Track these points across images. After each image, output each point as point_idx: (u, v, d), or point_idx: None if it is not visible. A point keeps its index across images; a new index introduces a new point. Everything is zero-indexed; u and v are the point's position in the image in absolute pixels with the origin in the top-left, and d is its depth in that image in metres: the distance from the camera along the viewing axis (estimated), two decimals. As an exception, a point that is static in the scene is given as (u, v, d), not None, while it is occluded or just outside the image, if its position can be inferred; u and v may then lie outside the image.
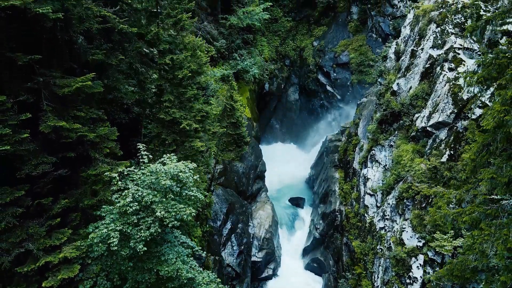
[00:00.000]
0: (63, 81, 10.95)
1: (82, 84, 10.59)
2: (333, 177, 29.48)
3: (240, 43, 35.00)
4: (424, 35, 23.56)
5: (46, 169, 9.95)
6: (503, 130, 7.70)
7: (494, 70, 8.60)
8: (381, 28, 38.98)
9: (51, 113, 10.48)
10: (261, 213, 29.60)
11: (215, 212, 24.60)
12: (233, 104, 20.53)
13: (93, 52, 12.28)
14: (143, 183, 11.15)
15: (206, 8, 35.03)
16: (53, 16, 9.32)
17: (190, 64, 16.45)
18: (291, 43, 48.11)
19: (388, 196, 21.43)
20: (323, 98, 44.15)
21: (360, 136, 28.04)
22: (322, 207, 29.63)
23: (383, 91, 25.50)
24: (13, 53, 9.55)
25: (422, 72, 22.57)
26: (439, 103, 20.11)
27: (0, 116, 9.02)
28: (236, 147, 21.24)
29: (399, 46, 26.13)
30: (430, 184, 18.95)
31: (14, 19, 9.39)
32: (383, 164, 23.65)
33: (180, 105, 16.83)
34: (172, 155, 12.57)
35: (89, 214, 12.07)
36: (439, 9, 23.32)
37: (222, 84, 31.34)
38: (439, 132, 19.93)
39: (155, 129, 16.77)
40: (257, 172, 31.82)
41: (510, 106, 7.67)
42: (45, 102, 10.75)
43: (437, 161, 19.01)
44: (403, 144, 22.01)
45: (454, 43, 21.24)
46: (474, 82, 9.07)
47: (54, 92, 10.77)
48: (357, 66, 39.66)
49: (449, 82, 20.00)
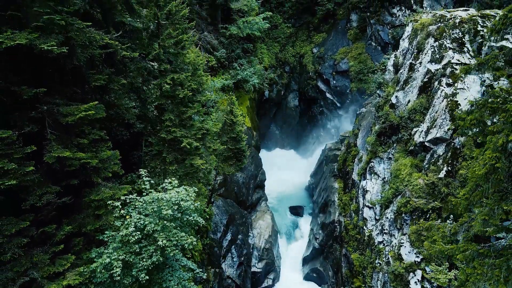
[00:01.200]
0: (67, 109, 11.16)
1: (85, 113, 10.81)
2: (333, 187, 29.69)
3: (240, 52, 35.22)
4: (422, 48, 23.77)
5: (50, 199, 10.17)
6: (494, 176, 7.93)
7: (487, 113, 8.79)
8: (380, 36, 39.21)
9: (55, 142, 10.69)
10: (261, 223, 29.82)
11: (216, 224, 24.82)
12: (233, 118, 20.75)
13: (96, 78, 12.49)
14: (145, 210, 11.38)
15: (206, 18, 35.27)
16: (57, 51, 9.54)
17: (190, 83, 16.67)
18: (291, 49, 48.37)
19: (387, 209, 21.65)
20: (323, 105, 44.38)
21: (359, 147, 28.25)
22: (321, 216, 29.85)
23: (382, 103, 25.71)
24: (18, 87, 9.76)
25: (420, 86, 22.79)
26: (437, 118, 20.33)
27: (6, 149, 9.24)
28: (236, 161, 21.45)
29: (397, 58, 26.34)
30: (428, 199, 19.17)
31: (19, 54, 9.59)
32: (382, 176, 23.86)
33: (181, 122, 17.05)
34: (173, 179, 12.79)
35: (92, 236, 12.30)
36: (437, 23, 23.53)
37: (222, 94, 31.61)
38: (437, 148, 20.16)
39: (156, 147, 16.98)
40: (257, 181, 32.04)
41: (501, 153, 7.89)
42: (49, 131, 10.96)
43: (435, 176, 19.23)
44: (402, 157, 22.23)
45: (452, 58, 21.46)
46: (467, 124, 9.25)
47: (58, 120, 10.99)
48: (357, 74, 39.89)
49: (447, 98, 20.22)
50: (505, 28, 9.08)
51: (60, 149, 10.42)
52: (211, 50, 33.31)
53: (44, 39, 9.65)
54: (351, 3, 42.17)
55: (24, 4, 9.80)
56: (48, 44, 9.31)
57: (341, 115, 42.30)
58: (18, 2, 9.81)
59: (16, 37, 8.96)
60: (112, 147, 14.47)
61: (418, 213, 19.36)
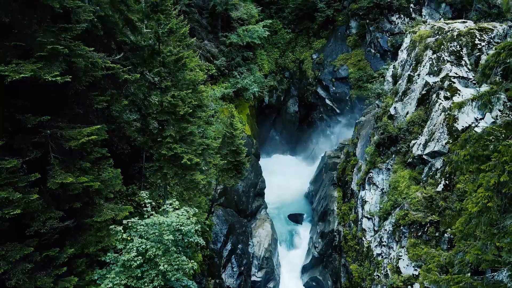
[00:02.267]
0: (70, 133, 11.37)
1: (88, 138, 11.01)
2: (332, 196, 29.89)
3: (240, 60, 35.43)
4: (420, 60, 23.97)
5: (54, 225, 10.37)
6: (486, 215, 8.13)
7: (480, 148, 8.99)
8: (379, 44, 39.41)
9: (58, 167, 10.90)
10: (261, 231, 30.02)
11: (216, 234, 25.03)
12: (233, 131, 20.94)
13: (98, 101, 12.69)
14: (146, 234, 11.59)
15: (206, 26, 35.48)
16: (61, 81, 9.74)
17: (191, 99, 16.87)
18: (290, 55, 48.54)
19: (385, 221, 21.85)
20: (322, 112, 44.58)
21: (358, 156, 28.46)
22: (321, 225, 30.05)
23: (381, 114, 25.92)
24: (22, 115, 9.96)
25: (418, 98, 23.00)
26: (435, 132, 20.53)
27: (11, 178, 9.44)
28: (236, 173, 21.63)
29: (396, 69, 26.55)
30: (426, 213, 19.38)
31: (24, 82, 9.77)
32: (381, 187, 24.06)
33: (181, 138, 17.24)
34: (173, 200, 12.99)
35: (94, 257, 12.50)
36: (435, 36, 23.74)
37: (222, 103, 31.83)
38: (434, 161, 20.36)
39: (157, 163, 17.17)
40: (256, 189, 32.25)
41: (493, 191, 8.10)
42: (52, 155, 11.16)
43: (432, 190, 19.44)
44: (400, 169, 22.43)
45: (450, 71, 21.67)
46: (461, 158, 9.44)
47: (61, 144, 11.19)
48: (356, 81, 40.09)
49: (445, 112, 20.43)
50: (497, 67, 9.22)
51: (63, 174, 10.62)
52: (211, 58, 33.52)
53: (48, 68, 9.85)
54: (351, 10, 42.35)
55: (28, 34, 10.00)
56: (52, 75, 9.52)
57: (341, 121, 42.51)
58: (23, 32, 10.01)
59: (21, 69, 9.15)
60: (113, 160, 14.67)
61: (416, 226, 19.56)
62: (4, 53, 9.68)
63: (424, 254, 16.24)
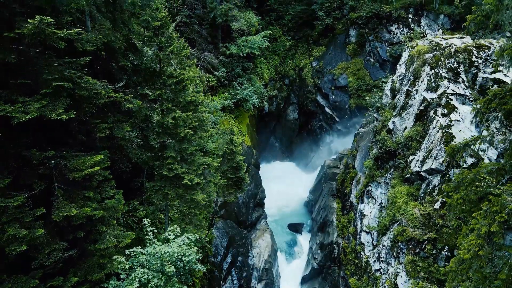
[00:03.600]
0: (73, 163, 11.62)
1: (91, 170, 11.27)
2: (331, 207, 30.15)
3: (240, 71, 35.69)
4: (418, 76, 24.24)
5: (58, 256, 10.63)
6: (477, 262, 8.39)
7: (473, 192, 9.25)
8: (378, 53, 39.68)
9: (62, 198, 11.15)
10: (261, 242, 30.28)
11: (216, 247, 25.29)
12: (234, 148, 21.21)
13: (101, 129, 12.95)
14: (149, 263, 11.85)
15: (206, 37, 35.75)
16: (66, 118, 10.01)
17: (191, 120, 17.12)
18: (290, 62, 48.78)
19: (384, 237, 22.11)
20: (322, 120, 44.83)
21: (357, 168, 28.71)
22: (320, 236, 30.30)
23: (379, 127, 26.18)
24: (28, 151, 10.23)
25: (416, 114, 23.25)
26: (432, 149, 20.78)
27: (17, 213, 9.70)
28: (236, 189, 21.91)
29: (394, 83, 26.81)
30: (423, 230, 19.64)
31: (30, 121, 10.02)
32: (379, 201, 24.31)
33: (182, 158, 17.50)
34: (175, 226, 13.25)
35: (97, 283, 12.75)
36: (433, 51, 24.01)
37: (223, 114, 32.09)
38: (432, 178, 20.61)
39: (158, 183, 17.43)
40: (256, 200, 32.50)
41: (484, 240, 8.35)
42: (56, 185, 11.42)
43: (430, 208, 19.69)
44: (398, 184, 22.68)
45: (447, 88, 21.92)
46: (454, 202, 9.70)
47: (65, 174, 11.45)
48: (355, 90, 40.36)
49: (442, 129, 20.68)
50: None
51: (67, 206, 10.87)
52: (211, 69, 33.78)
53: (53, 105, 10.10)
54: (350, 18, 42.63)
55: (34, 71, 10.26)
56: (57, 113, 9.77)
57: (340, 130, 42.77)
58: (28, 70, 10.27)
59: (27, 108, 9.41)
60: (114, 175, 14.87)
61: (414, 243, 19.81)
62: (11, 92, 9.94)
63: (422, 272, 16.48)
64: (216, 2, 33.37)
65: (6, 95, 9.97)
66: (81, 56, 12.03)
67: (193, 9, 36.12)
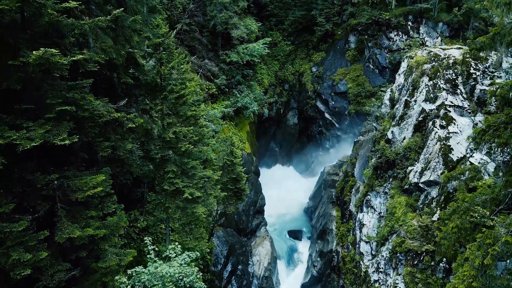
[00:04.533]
0: (76, 184, 11.80)
1: (94, 191, 11.46)
2: (331, 215, 30.34)
3: (240, 78, 35.87)
4: (417, 86, 24.43)
5: (61, 277, 10.82)
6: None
7: (467, 221, 9.43)
8: (378, 60, 39.84)
9: (65, 218, 11.34)
10: (261, 249, 30.46)
11: (216, 256, 25.46)
12: (234, 159, 21.40)
13: (103, 148, 13.13)
14: (150, 283, 12.05)
15: (207, 44, 35.93)
16: (69, 142, 10.20)
17: (192, 135, 17.31)
18: (290, 67, 48.95)
19: (383, 247, 22.29)
20: (322, 125, 45.00)
21: (356, 177, 28.91)
22: (319, 243, 30.49)
23: (378, 137, 26.38)
24: (32, 175, 10.42)
25: (415, 125, 23.44)
26: (431, 161, 20.97)
27: (21, 237, 9.89)
28: (236, 200, 22.10)
29: (393, 93, 27.00)
30: (421, 241, 19.83)
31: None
32: (378, 211, 24.50)
33: (183, 172, 17.69)
34: (176, 244, 13.44)
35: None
36: (432, 62, 24.21)
37: (223, 122, 32.27)
38: (430, 189, 20.80)
39: (159, 197, 17.62)
40: (256, 207, 32.68)
41: (477, 271, 8.54)
42: (59, 205, 11.61)
43: (428, 219, 19.88)
44: (397, 195, 22.87)
45: (445, 100, 22.12)
46: (449, 230, 9.89)
47: (68, 195, 11.64)
48: (355, 97, 40.52)
49: (440, 141, 20.87)
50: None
51: (70, 227, 11.06)
52: (211, 77, 33.97)
53: (56, 130, 10.29)
54: (349, 25, 42.78)
55: (38, 96, 10.45)
56: (61, 138, 9.96)
57: (340, 135, 42.95)
58: (32, 95, 10.46)
59: (32, 135, 9.60)
60: (115, 186, 15.03)
61: (412, 254, 20.01)
62: (15, 117, 10.12)
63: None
64: (216, 10, 33.56)
65: (11, 120, 10.16)
66: (84, 73, 12.24)
67: (194, 16, 36.33)
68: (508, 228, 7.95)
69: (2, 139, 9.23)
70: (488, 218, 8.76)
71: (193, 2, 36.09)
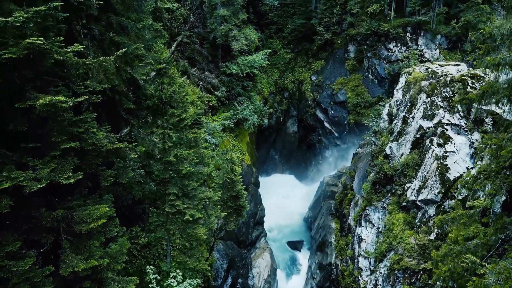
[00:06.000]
0: (80, 215, 12.08)
1: (97, 224, 11.75)
2: (330, 227, 30.62)
3: (240, 89, 36.17)
4: (415, 103, 24.71)
5: (66, 310, 11.12)
6: None
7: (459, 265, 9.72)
8: (377, 70, 40.14)
9: (69, 250, 11.63)
10: (260, 261, 30.75)
11: (216, 270, 25.75)
12: (234, 177, 21.67)
13: (106, 177, 13.42)
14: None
15: (207, 56, 36.25)
16: (74, 180, 10.49)
17: (193, 157, 17.61)
18: (290, 75, 49.28)
19: (381, 263, 22.59)
20: (321, 134, 45.30)
21: (355, 190, 29.20)
22: (319, 255, 30.78)
23: (377, 151, 26.66)
24: (38, 211, 10.72)
25: (413, 141, 23.73)
26: (428, 179, 21.26)
27: (27, 273, 10.17)
28: (236, 217, 22.39)
29: (392, 108, 27.28)
30: (419, 260, 20.13)
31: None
32: (377, 226, 24.79)
33: (184, 193, 17.98)
34: (178, 272, 13.75)
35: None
36: (429, 79, 24.49)
37: (223, 134, 32.56)
38: (428, 208, 21.10)
39: (160, 218, 17.91)
40: (256, 218, 32.97)
41: None
42: (63, 236, 11.90)
43: (425, 238, 20.17)
44: (395, 211, 23.16)
45: (443, 118, 22.41)
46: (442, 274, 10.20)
47: (72, 227, 11.93)
48: (354, 107, 40.82)
49: (437, 160, 21.16)
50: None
51: (75, 259, 11.34)
52: (212, 89, 34.27)
53: (61, 167, 10.59)
54: (349, 34, 43.09)
55: (42, 134, 10.74)
56: (66, 177, 10.26)
57: (339, 145, 43.25)
58: (38, 133, 10.75)
59: (38, 175, 9.90)
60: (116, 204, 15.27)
61: (410, 272, 20.31)
62: (21, 156, 10.42)
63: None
64: (216, 23, 33.86)
65: (17, 158, 10.45)
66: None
67: (194, 27, 36.64)
68: (498, 277, 8.25)
69: (10, 181, 9.51)
70: (479, 265, 9.06)
71: (194, 14, 36.42)
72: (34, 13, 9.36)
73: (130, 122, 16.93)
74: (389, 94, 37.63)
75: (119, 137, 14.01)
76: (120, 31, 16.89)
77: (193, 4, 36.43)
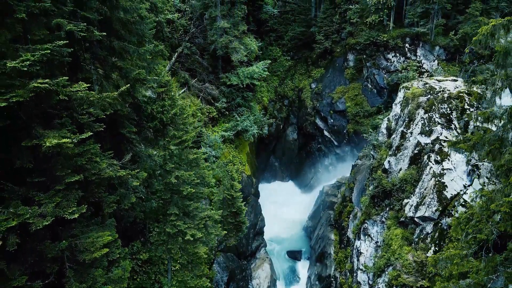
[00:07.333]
0: (83, 243, 12.37)
1: (101, 253, 12.03)
2: (329, 238, 30.90)
3: (240, 100, 36.44)
4: (413, 118, 24.99)
5: (71, 337, 11.40)
6: None
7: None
8: (376, 80, 40.40)
9: (74, 279, 11.91)
10: (260, 272, 31.02)
11: (217, 283, 26.03)
12: (234, 194, 21.96)
13: (108, 202, 13.70)
14: None
15: (207, 67, 36.53)
16: (78, 214, 10.77)
17: (194, 178, 17.88)
18: (289, 83, 49.52)
19: (379, 278, 22.86)
20: (321, 142, 45.56)
21: (354, 202, 29.48)
22: (318, 266, 31.06)
23: (376, 165, 26.94)
24: (42, 244, 11.00)
25: (411, 157, 24.00)
26: (426, 196, 21.53)
27: (34, 306, 10.48)
28: (236, 232, 22.67)
29: (390, 122, 27.56)
30: (416, 277, 20.40)
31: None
32: (375, 240, 25.07)
33: (185, 213, 18.26)
34: None
35: None
36: (427, 95, 24.77)
37: (223, 146, 32.83)
38: (425, 224, 21.37)
39: (161, 237, 18.18)
40: (256, 229, 33.24)
41: None
42: (67, 265, 12.17)
43: (423, 255, 20.45)
44: (393, 226, 23.43)
45: (440, 135, 22.68)
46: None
47: (76, 256, 12.21)
48: (353, 116, 41.07)
49: (435, 177, 21.43)
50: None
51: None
52: (212, 101, 34.55)
53: (66, 200, 10.88)
54: (348, 43, 43.35)
55: (47, 168, 11.03)
56: (71, 211, 10.55)
57: (339, 154, 43.50)
58: (43, 168, 11.03)
59: (43, 211, 10.19)
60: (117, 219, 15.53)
61: (407, 289, 20.57)
62: (27, 190, 10.70)
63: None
64: (217, 35, 34.13)
65: (23, 192, 10.73)
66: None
67: (194, 38, 36.90)
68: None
69: (16, 218, 9.79)
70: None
71: (194, 25, 36.69)
72: (40, 56, 9.63)
73: (132, 141, 17.20)
74: (388, 104, 37.92)
75: (122, 164, 14.28)
76: (122, 55, 17.19)
77: (194, 15, 36.69)
